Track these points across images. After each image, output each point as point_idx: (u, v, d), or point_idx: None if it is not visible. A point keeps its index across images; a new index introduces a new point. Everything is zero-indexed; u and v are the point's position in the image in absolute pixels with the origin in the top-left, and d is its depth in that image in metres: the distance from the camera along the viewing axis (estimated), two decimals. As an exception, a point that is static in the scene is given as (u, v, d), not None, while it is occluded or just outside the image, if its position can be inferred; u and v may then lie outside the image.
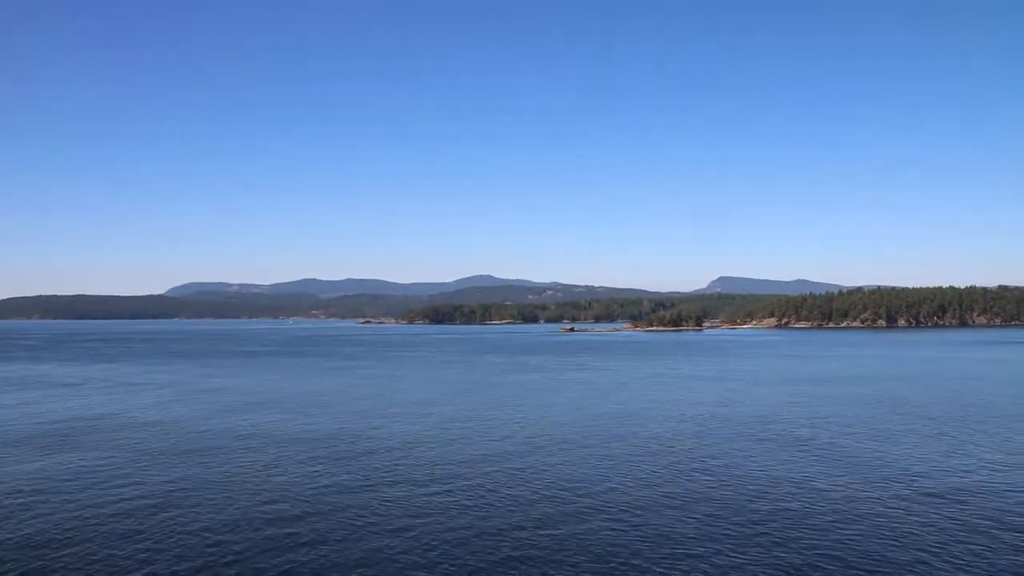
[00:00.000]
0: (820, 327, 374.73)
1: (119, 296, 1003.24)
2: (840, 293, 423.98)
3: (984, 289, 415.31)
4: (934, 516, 32.24)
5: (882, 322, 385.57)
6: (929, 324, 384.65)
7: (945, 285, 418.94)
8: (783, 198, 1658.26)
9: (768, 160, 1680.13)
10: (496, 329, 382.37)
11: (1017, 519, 31.82)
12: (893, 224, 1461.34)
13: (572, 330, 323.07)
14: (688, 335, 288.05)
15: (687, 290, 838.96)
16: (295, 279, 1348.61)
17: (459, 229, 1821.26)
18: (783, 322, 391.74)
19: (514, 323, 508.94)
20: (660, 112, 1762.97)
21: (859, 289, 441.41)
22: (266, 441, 51.72)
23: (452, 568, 26.49)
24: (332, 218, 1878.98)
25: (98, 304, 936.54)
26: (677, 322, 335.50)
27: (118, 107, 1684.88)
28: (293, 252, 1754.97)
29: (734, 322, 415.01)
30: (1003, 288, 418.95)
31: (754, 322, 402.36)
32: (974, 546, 28.41)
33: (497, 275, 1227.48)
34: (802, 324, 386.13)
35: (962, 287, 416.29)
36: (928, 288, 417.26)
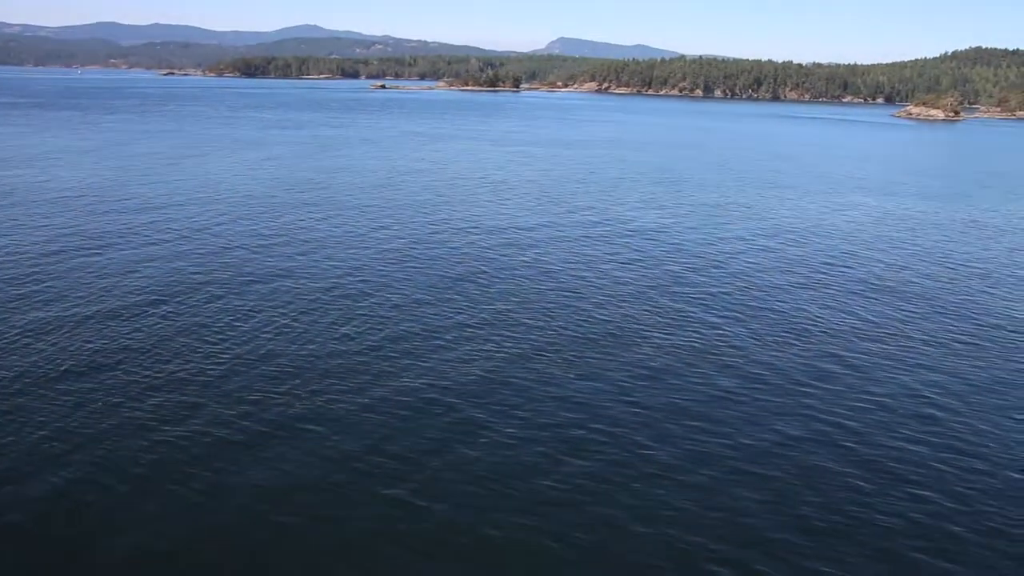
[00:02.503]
0: (639, 93, 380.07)
1: None
2: (661, 61, 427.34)
3: (799, 65, 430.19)
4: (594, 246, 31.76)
5: (699, 92, 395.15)
6: (744, 96, 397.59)
7: (764, 59, 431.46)
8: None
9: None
10: (306, 84, 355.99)
11: (662, 250, 31.96)
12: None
13: (383, 87, 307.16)
14: (502, 96, 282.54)
15: (525, 50, 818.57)
16: (90, 21, 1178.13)
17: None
18: (603, 87, 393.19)
19: (332, 78, 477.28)
20: None
21: (681, 57, 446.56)
22: None
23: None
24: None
25: None
26: (493, 83, 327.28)
27: None
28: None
29: (553, 85, 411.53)
30: (816, 65, 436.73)
31: (575, 86, 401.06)
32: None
33: (325, 25, 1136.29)
34: (622, 90, 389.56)
35: (779, 62, 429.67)
36: (746, 60, 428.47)
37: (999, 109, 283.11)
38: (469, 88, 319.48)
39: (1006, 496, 15.86)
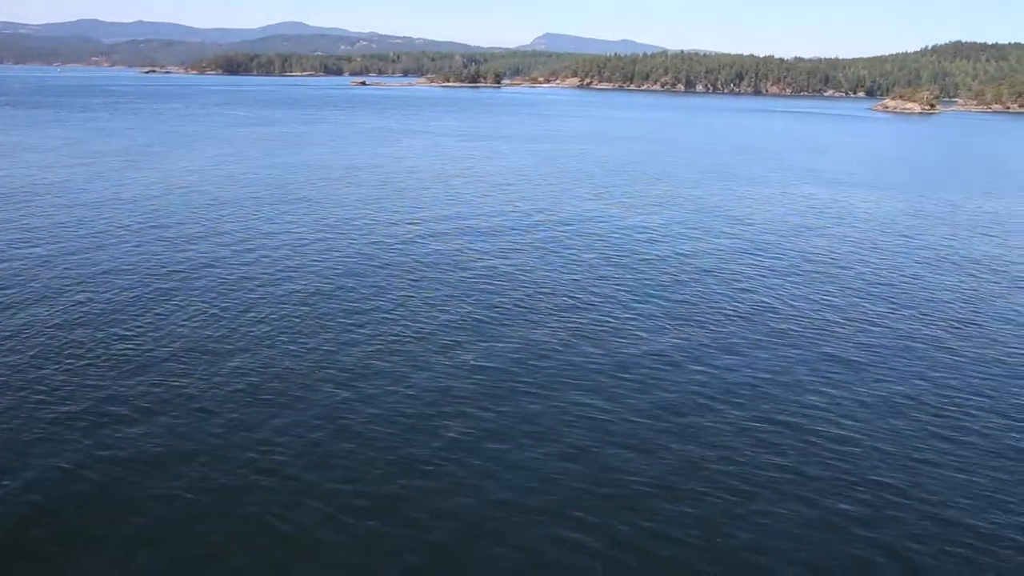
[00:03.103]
0: (621, 88, 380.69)
1: None
2: (644, 56, 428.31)
3: (780, 60, 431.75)
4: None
5: (681, 86, 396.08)
6: (725, 91, 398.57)
7: (746, 53, 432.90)
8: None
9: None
10: (287, 82, 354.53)
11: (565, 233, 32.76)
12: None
13: (363, 84, 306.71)
14: (483, 92, 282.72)
15: (512, 46, 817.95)
16: (72, 19, 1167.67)
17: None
18: (585, 82, 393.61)
19: (315, 75, 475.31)
20: None
21: (663, 52, 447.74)
22: None
23: None
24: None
25: None
26: (474, 79, 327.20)
27: None
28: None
29: (535, 81, 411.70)
30: (798, 60, 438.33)
31: (557, 81, 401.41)
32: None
33: (310, 22, 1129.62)
34: (604, 85, 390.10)
35: (760, 56, 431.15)
36: (728, 55, 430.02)
37: (975, 102, 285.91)
38: (450, 84, 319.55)
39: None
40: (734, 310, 27.15)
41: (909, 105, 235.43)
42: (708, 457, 16.71)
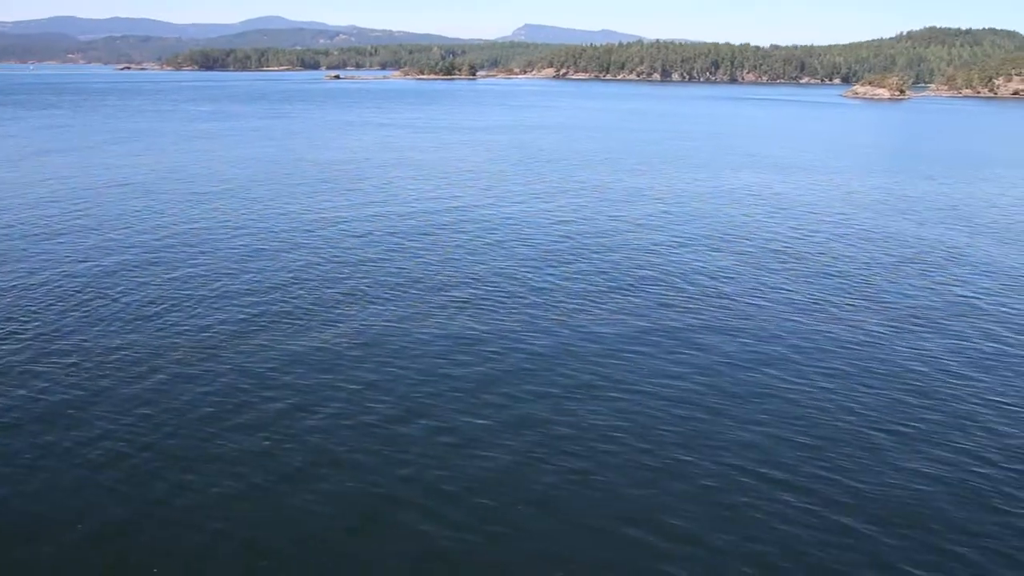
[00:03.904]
0: (597, 78, 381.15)
1: None
2: (619, 45, 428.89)
3: (756, 48, 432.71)
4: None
5: (657, 76, 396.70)
6: (702, 79, 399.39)
7: (722, 42, 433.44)
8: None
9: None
10: (261, 77, 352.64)
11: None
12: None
13: (337, 77, 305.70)
14: (457, 84, 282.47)
15: (491, 37, 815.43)
16: (46, 16, 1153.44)
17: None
18: (561, 73, 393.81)
19: (292, 70, 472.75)
20: None
21: (639, 41, 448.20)
22: None
23: None
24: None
25: None
26: (449, 71, 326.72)
27: None
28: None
29: (511, 72, 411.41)
30: (774, 47, 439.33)
31: (533, 72, 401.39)
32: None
33: (289, 16, 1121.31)
34: (580, 75, 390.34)
35: (736, 44, 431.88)
36: (703, 43, 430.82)
37: (947, 87, 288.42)
38: (424, 77, 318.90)
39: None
40: (629, 281, 28.04)
41: (878, 91, 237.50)
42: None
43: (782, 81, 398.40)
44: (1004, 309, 26.75)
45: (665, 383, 20.00)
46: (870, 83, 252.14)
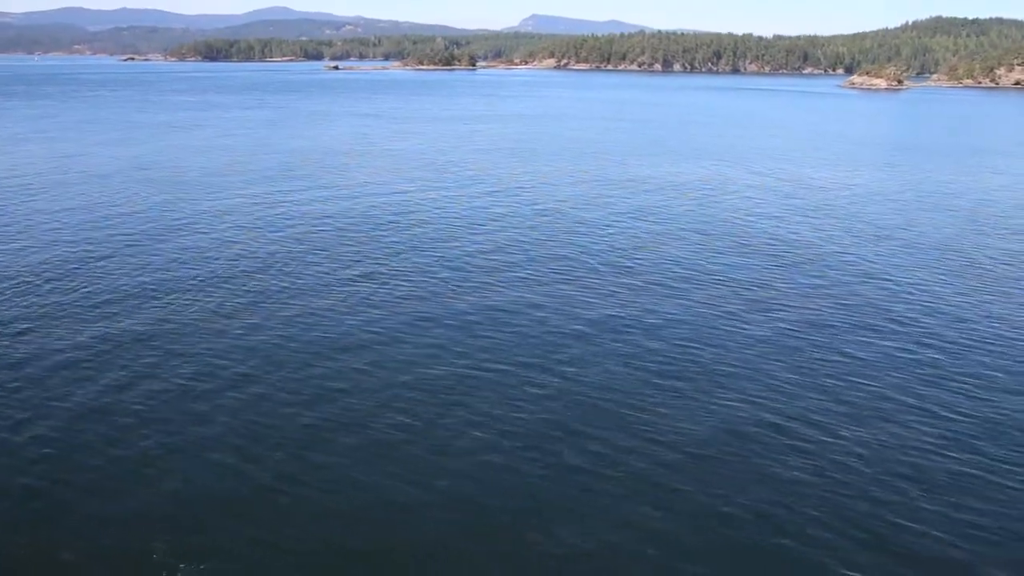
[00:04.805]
0: (598, 69, 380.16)
1: None
2: (620, 36, 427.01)
3: (759, 38, 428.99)
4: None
5: (658, 66, 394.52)
6: (703, 70, 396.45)
7: (728, 32, 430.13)
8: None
9: None
10: (261, 67, 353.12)
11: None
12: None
13: (336, 68, 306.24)
14: (456, 75, 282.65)
15: (498, 28, 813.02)
16: (55, 7, 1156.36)
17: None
18: (562, 63, 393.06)
19: (296, 61, 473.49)
20: None
21: (641, 32, 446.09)
22: None
23: None
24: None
25: None
26: (449, 62, 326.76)
27: None
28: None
29: (512, 63, 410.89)
30: (777, 37, 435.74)
31: (534, 63, 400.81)
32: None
33: (296, 7, 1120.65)
34: (581, 66, 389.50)
35: (739, 35, 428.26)
36: (705, 34, 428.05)
37: (948, 78, 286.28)
38: (423, 68, 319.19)
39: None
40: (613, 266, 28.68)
41: (875, 81, 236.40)
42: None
43: (784, 72, 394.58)
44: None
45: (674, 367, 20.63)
46: (867, 73, 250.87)
